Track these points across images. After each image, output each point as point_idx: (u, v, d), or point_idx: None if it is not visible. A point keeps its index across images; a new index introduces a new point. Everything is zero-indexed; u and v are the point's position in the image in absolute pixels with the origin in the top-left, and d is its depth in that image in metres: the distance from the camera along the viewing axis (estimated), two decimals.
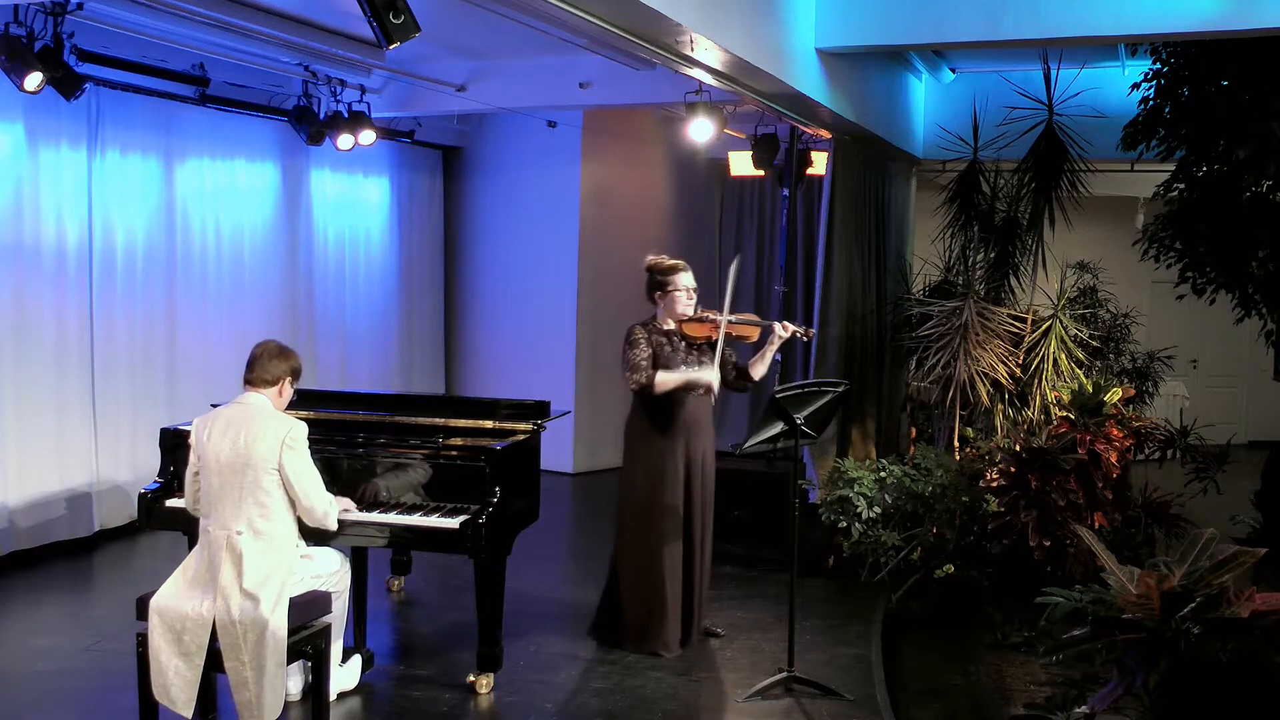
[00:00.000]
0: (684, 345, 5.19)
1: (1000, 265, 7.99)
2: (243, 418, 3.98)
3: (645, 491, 5.16)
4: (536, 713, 4.53)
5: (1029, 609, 4.47)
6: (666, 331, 5.18)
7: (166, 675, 3.85)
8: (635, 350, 5.09)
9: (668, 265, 5.22)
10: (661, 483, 5.14)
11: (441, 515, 4.54)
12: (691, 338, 5.19)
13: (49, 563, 6.59)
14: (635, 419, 5.25)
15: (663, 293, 5.20)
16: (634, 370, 5.07)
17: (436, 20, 5.80)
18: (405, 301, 9.78)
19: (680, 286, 5.16)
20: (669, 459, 5.14)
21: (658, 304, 5.24)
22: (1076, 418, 6.26)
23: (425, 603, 6.05)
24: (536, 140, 9.62)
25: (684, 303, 5.16)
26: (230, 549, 3.91)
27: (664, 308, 5.21)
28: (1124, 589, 3.37)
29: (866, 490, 6.46)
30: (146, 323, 7.36)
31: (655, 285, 5.23)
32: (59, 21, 5.84)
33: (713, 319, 5.15)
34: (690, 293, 5.17)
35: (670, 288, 5.17)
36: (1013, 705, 4.75)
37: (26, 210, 6.55)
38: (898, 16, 6.23)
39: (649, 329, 5.18)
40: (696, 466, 5.22)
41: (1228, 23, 5.48)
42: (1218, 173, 7.06)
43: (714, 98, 6.87)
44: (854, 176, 8.07)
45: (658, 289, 5.22)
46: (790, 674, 4.82)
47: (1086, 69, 8.22)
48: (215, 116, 7.68)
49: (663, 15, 4.60)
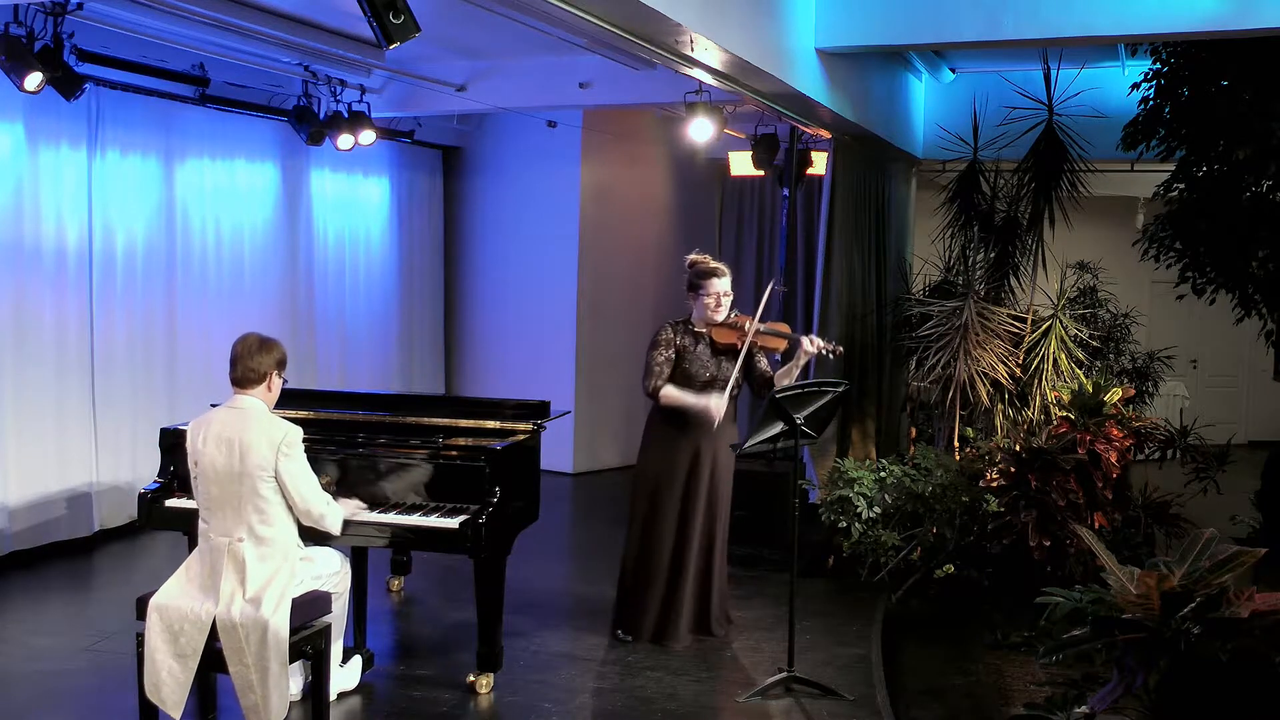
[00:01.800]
0: (710, 350, 5.21)
1: (1000, 265, 7.99)
2: (236, 424, 3.92)
3: (653, 486, 5.23)
4: (536, 713, 4.53)
5: (1029, 609, 4.46)
6: (697, 333, 5.22)
7: (160, 675, 3.85)
8: (655, 352, 5.16)
9: (706, 268, 5.23)
10: (671, 478, 5.19)
11: (441, 515, 4.54)
12: (718, 343, 5.21)
13: (49, 563, 6.59)
14: (654, 413, 5.31)
15: (695, 294, 5.23)
16: (648, 374, 5.15)
17: (436, 20, 5.80)
18: (405, 301, 9.78)
19: (711, 291, 5.17)
20: (679, 455, 5.19)
21: (691, 303, 5.28)
22: (1076, 418, 6.26)
23: (425, 603, 6.05)
24: (536, 140, 9.62)
25: (712, 308, 5.18)
26: (232, 556, 3.90)
27: (695, 309, 5.25)
28: (1124, 589, 3.37)
29: (866, 490, 6.46)
30: (146, 323, 7.36)
31: (690, 285, 5.26)
32: (59, 21, 5.83)
33: (743, 326, 5.17)
34: (719, 299, 5.17)
35: (702, 291, 5.19)
36: (1013, 705, 4.75)
37: (26, 210, 6.55)
38: (898, 16, 6.23)
39: (678, 329, 5.22)
40: (706, 462, 5.22)
41: (1228, 23, 5.48)
42: (1218, 173, 7.06)
43: (714, 98, 6.87)
44: (854, 176, 8.07)
45: (692, 289, 5.26)
46: (790, 674, 4.81)
47: (1086, 69, 8.22)
48: (215, 116, 7.68)
49: (663, 15, 4.60)
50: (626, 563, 5.36)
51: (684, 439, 5.19)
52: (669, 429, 5.22)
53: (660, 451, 5.24)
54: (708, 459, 5.23)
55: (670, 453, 5.21)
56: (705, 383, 5.18)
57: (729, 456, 5.31)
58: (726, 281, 5.21)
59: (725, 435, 5.26)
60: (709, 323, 5.20)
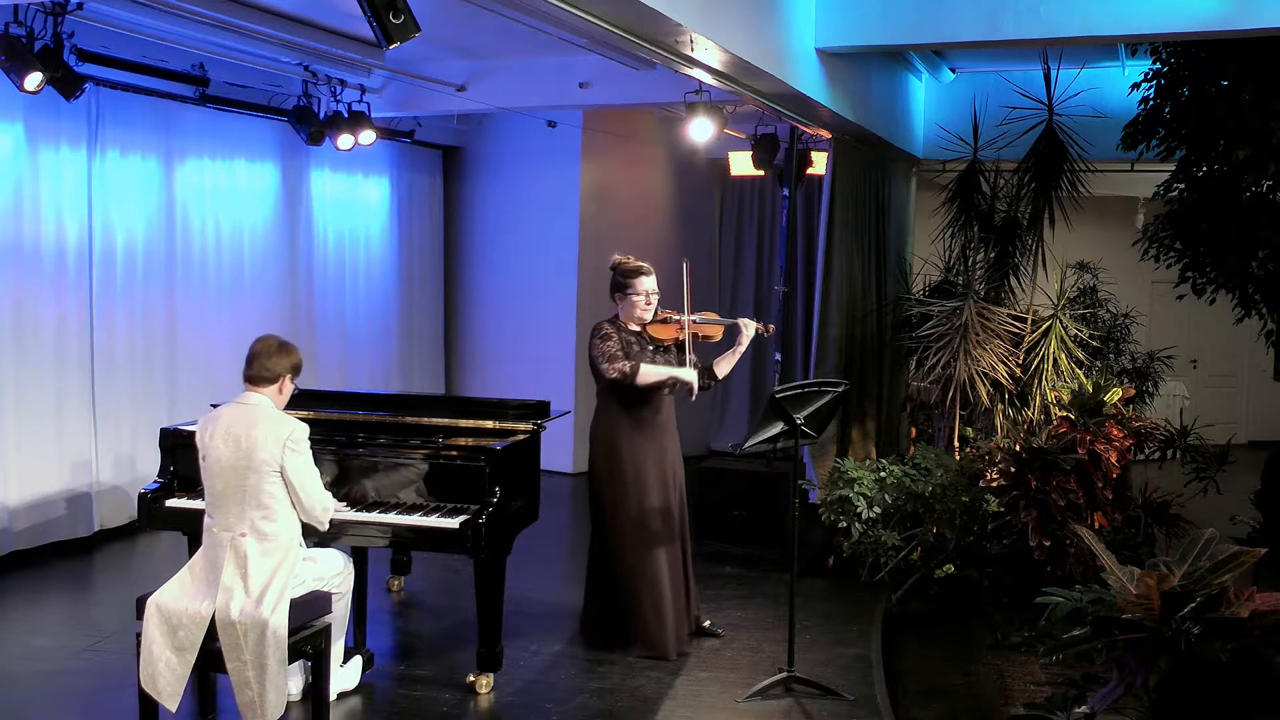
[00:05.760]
0: (651, 347, 5.15)
1: (1000, 265, 7.99)
2: (244, 419, 3.96)
3: (639, 494, 5.11)
4: (536, 713, 4.53)
5: (1029, 609, 4.47)
6: (634, 332, 5.14)
7: (156, 667, 3.86)
8: (607, 343, 5.04)
9: (631, 267, 5.13)
10: (652, 485, 5.13)
11: (441, 515, 4.54)
12: (659, 340, 5.16)
13: (49, 563, 6.59)
14: (610, 421, 5.14)
15: (622, 294, 5.13)
16: (612, 360, 4.99)
17: (436, 20, 5.80)
18: (405, 301, 9.78)
19: (640, 290, 5.09)
20: (653, 460, 5.13)
21: (618, 304, 5.18)
22: (1076, 418, 6.26)
23: (425, 603, 6.05)
24: (536, 140, 9.62)
25: (642, 307, 5.10)
26: (234, 550, 3.91)
27: (623, 310, 5.15)
28: (1124, 589, 3.37)
29: (866, 490, 6.46)
30: (146, 323, 7.36)
31: (616, 286, 5.16)
32: (59, 21, 5.83)
33: (676, 319, 5.14)
34: (649, 297, 5.10)
35: (630, 290, 5.10)
36: (1013, 705, 4.75)
37: (26, 210, 6.55)
38: (898, 16, 6.23)
39: (616, 327, 5.13)
40: (670, 466, 5.22)
41: (1228, 23, 5.48)
42: (1218, 173, 7.06)
43: (714, 98, 6.87)
44: (854, 176, 8.07)
45: (618, 290, 5.15)
46: (790, 674, 4.82)
47: (1086, 69, 8.23)
48: (215, 116, 7.68)
49: (663, 15, 4.60)
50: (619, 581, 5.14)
51: (650, 440, 5.13)
52: (632, 431, 5.10)
53: (634, 463, 5.09)
54: (669, 462, 5.21)
55: (644, 462, 5.10)
56: None
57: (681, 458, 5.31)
58: (654, 279, 5.15)
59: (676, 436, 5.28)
60: (641, 321, 5.13)
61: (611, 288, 5.19)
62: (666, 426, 5.23)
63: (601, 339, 5.06)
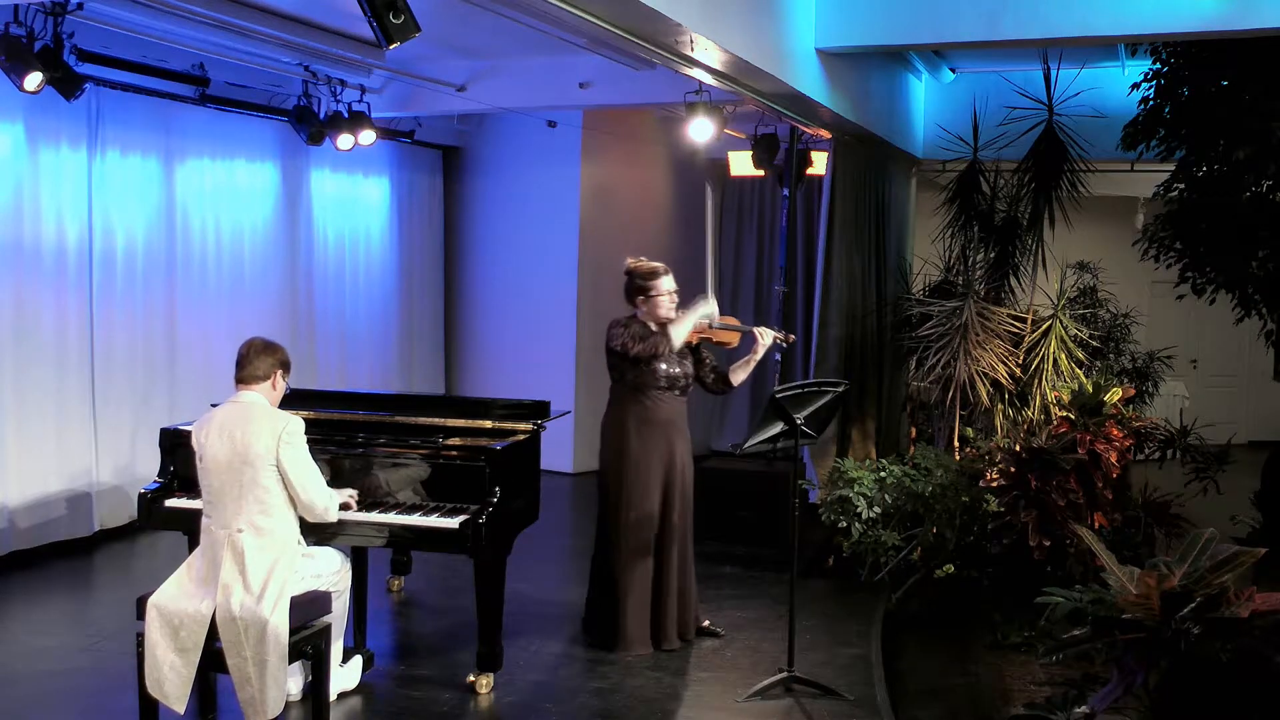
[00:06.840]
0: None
1: (1000, 265, 7.99)
2: (239, 416, 3.99)
3: (641, 495, 5.14)
4: (536, 713, 4.53)
5: (1029, 609, 4.47)
6: (652, 332, 5.16)
7: (161, 670, 3.86)
8: (633, 326, 5.11)
9: (649, 269, 5.18)
10: (655, 485, 5.15)
11: (441, 515, 4.54)
12: None
13: (49, 563, 6.59)
14: (620, 419, 5.19)
15: (645, 297, 5.17)
16: (639, 340, 5.05)
17: (436, 20, 5.80)
18: (405, 301, 9.78)
19: (663, 290, 5.14)
20: (659, 459, 5.16)
21: (639, 307, 5.21)
22: (1076, 418, 6.25)
23: (425, 603, 6.05)
24: (536, 140, 9.62)
25: (667, 306, 5.15)
26: (232, 547, 3.92)
27: (646, 311, 5.18)
28: (1124, 589, 3.37)
29: (866, 490, 6.46)
30: (146, 323, 7.36)
31: (637, 289, 5.19)
32: (59, 21, 5.83)
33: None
34: (672, 296, 5.16)
35: (653, 292, 5.15)
36: (1013, 705, 4.75)
37: (26, 210, 6.55)
38: (898, 16, 6.23)
39: (634, 324, 5.17)
40: (678, 466, 5.23)
41: (1228, 23, 5.48)
42: (1218, 173, 7.06)
43: (714, 98, 6.87)
44: (854, 176, 8.06)
45: (640, 293, 5.19)
46: (790, 674, 4.82)
47: (1086, 69, 8.22)
48: (215, 116, 7.68)
49: (663, 15, 4.60)
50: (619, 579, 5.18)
51: (659, 440, 5.15)
52: (642, 430, 5.14)
53: (641, 462, 5.13)
54: (678, 462, 5.23)
55: (650, 460, 5.14)
56: (671, 379, 5.17)
57: (690, 457, 5.33)
58: (672, 277, 5.19)
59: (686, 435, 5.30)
60: (664, 321, 5.14)
61: (632, 292, 5.22)
62: (677, 426, 5.23)
63: (624, 326, 5.12)
